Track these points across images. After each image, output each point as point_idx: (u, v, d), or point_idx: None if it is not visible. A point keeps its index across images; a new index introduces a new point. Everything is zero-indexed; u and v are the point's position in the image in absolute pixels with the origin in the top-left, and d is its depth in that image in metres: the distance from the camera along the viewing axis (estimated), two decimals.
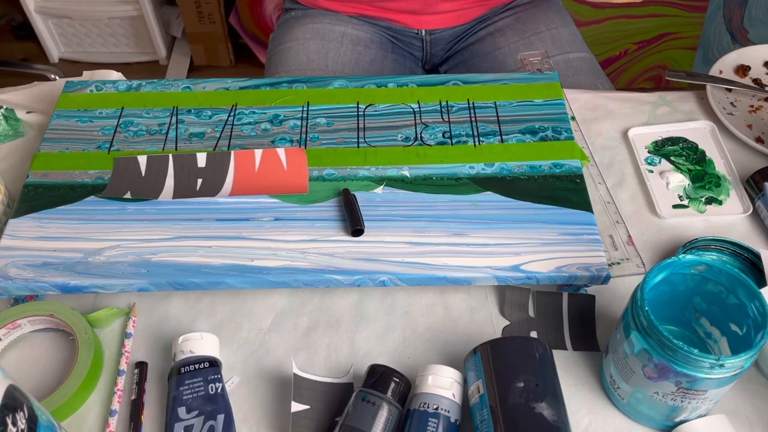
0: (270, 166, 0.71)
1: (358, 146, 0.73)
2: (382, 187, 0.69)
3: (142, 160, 0.71)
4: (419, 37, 1.03)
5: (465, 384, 0.57)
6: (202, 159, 0.71)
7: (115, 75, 0.85)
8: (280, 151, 0.71)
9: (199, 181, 0.70)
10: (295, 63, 0.97)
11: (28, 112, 0.83)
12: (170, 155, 0.71)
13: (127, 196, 0.69)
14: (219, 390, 0.58)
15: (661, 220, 0.73)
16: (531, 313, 0.65)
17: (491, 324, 0.65)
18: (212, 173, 0.70)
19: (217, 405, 0.57)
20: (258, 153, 0.71)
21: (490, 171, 0.71)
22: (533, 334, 0.64)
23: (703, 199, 0.74)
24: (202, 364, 0.59)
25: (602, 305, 0.66)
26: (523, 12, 1.01)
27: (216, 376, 0.58)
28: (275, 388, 0.61)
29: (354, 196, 0.68)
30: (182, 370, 0.58)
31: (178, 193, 0.69)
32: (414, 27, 1.02)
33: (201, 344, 0.60)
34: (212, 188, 0.69)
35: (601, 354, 0.62)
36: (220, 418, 0.56)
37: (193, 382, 0.58)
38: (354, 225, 0.65)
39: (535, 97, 0.77)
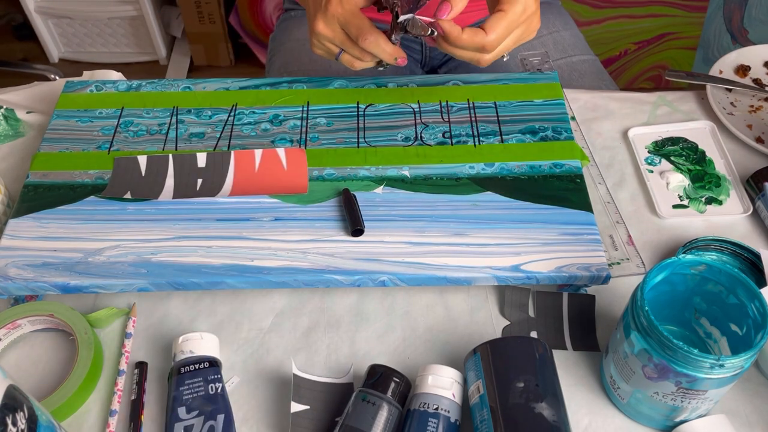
0: (270, 166, 0.71)
1: (358, 146, 0.73)
2: (382, 187, 0.69)
3: (142, 160, 0.71)
4: (418, 40, 1.03)
5: (465, 384, 0.58)
6: (202, 159, 0.71)
7: (115, 75, 0.85)
8: (281, 151, 0.71)
9: (199, 181, 0.70)
10: (297, 63, 0.97)
11: (28, 112, 0.83)
12: (170, 155, 0.71)
13: (127, 196, 0.69)
14: (219, 390, 0.58)
15: (661, 220, 0.73)
16: (531, 313, 0.65)
17: (491, 324, 0.65)
18: (212, 173, 0.70)
19: (217, 405, 0.57)
20: (258, 153, 0.71)
21: (490, 171, 0.71)
22: (533, 334, 0.64)
23: (703, 199, 0.74)
24: (202, 364, 0.59)
25: (602, 305, 0.66)
26: None
27: (216, 376, 0.58)
28: (275, 388, 0.61)
29: (354, 196, 0.68)
30: (182, 370, 0.58)
31: (178, 193, 0.69)
32: None
33: (201, 344, 0.60)
34: (212, 188, 0.69)
35: (601, 354, 0.62)
36: (220, 418, 0.56)
37: (193, 382, 0.58)
38: (354, 225, 0.65)
39: (535, 97, 0.77)
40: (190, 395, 0.57)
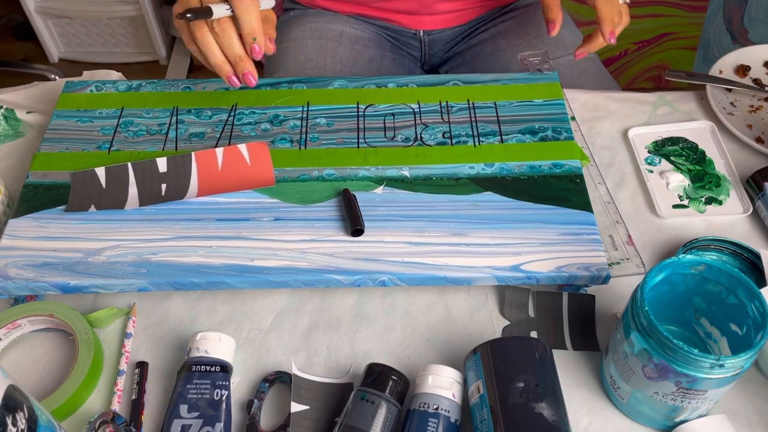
0: (233, 163, 0.70)
1: (358, 146, 0.73)
2: (382, 187, 0.69)
3: (100, 171, 0.70)
4: (417, 37, 1.03)
5: (465, 384, 0.58)
6: (162, 164, 0.70)
7: (115, 75, 0.85)
8: (242, 147, 0.71)
9: (164, 186, 0.69)
10: (294, 62, 0.97)
11: (28, 112, 0.83)
12: (129, 163, 0.70)
13: (92, 209, 0.68)
14: (224, 398, 0.57)
15: (661, 220, 0.73)
16: (531, 313, 0.65)
17: (491, 324, 0.65)
18: (175, 177, 0.69)
19: (218, 412, 0.57)
20: (219, 152, 0.71)
21: (490, 171, 0.71)
22: (533, 334, 0.64)
23: (703, 199, 0.74)
24: (214, 368, 0.58)
25: (602, 305, 0.66)
26: (522, 15, 1.01)
27: (224, 383, 0.58)
28: (275, 387, 0.61)
29: (354, 196, 0.68)
30: (193, 368, 0.58)
31: (144, 201, 0.68)
32: (411, 27, 1.02)
33: (217, 346, 0.59)
34: (178, 192, 0.69)
35: (601, 354, 0.62)
36: (218, 426, 0.56)
37: (201, 384, 0.57)
38: (354, 225, 0.65)
39: (535, 97, 0.77)
40: (195, 395, 0.57)
